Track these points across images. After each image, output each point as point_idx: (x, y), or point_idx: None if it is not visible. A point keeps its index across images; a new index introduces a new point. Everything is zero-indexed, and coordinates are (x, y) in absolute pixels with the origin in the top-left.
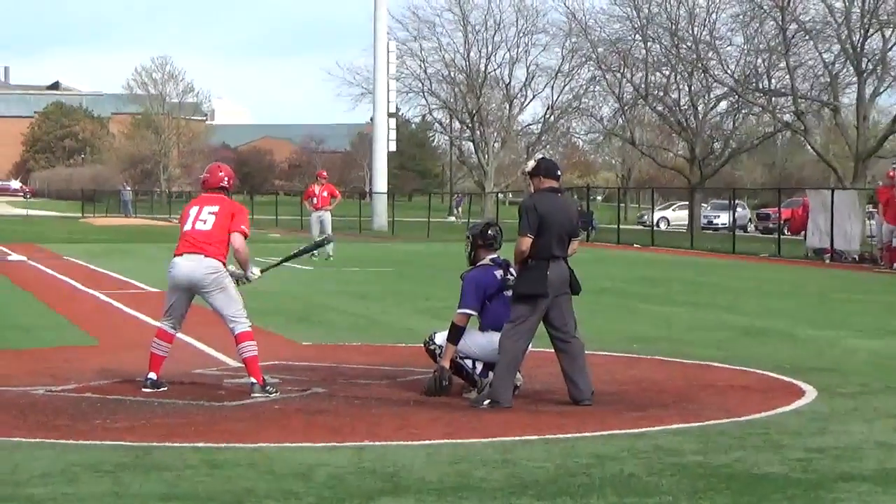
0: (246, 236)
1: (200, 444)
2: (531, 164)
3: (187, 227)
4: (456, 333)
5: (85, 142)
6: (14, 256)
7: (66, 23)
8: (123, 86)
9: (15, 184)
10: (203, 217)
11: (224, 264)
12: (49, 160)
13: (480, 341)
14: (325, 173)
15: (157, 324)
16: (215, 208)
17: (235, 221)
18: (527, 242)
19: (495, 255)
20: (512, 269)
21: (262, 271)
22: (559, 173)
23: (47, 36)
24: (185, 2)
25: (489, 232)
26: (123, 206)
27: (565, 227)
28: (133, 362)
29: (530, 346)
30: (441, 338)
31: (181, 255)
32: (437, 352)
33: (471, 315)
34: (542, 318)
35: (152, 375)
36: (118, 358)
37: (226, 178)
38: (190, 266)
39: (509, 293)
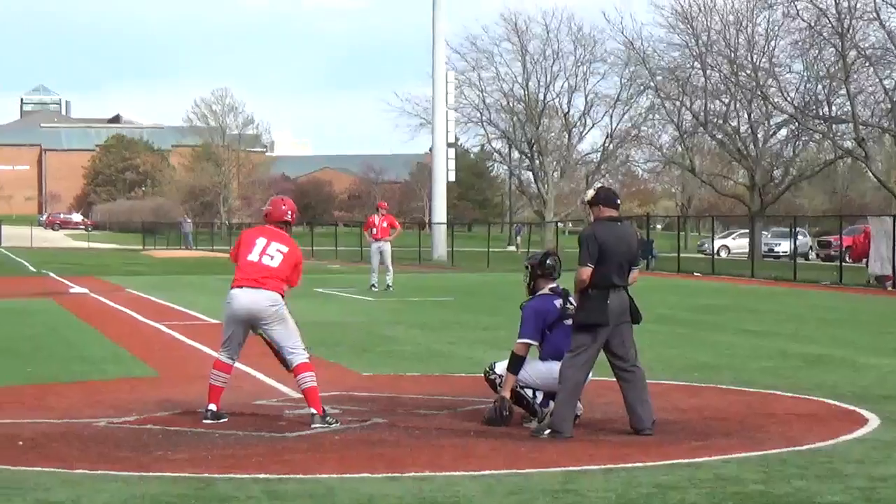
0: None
1: (261, 476)
2: (590, 193)
3: (252, 257)
4: (516, 363)
5: (145, 174)
6: (76, 289)
7: (126, 56)
8: (183, 118)
9: (77, 217)
10: (271, 252)
11: (283, 296)
12: (110, 193)
13: (541, 370)
14: (385, 204)
15: (216, 355)
16: (285, 249)
17: (295, 274)
18: (587, 272)
19: (554, 285)
20: (571, 299)
21: None
22: (618, 202)
23: (108, 70)
24: (243, 35)
25: (548, 262)
26: (184, 238)
27: (625, 256)
28: (194, 394)
29: (591, 375)
30: (501, 367)
31: (241, 287)
32: (497, 381)
33: (530, 345)
34: (603, 347)
35: (212, 407)
36: (179, 389)
37: (289, 213)
38: (251, 298)
39: (569, 322)
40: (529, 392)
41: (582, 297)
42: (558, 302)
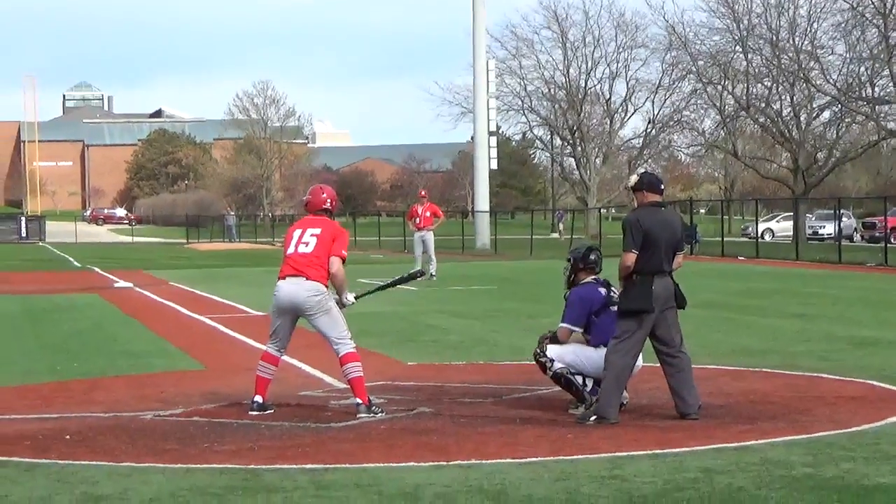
0: (343, 260)
1: (308, 466)
2: (634, 178)
3: (290, 250)
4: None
5: (188, 168)
6: (121, 283)
7: (167, 51)
8: (225, 111)
9: (120, 211)
10: (305, 240)
11: (326, 286)
12: (153, 187)
13: (592, 356)
14: (425, 192)
15: (263, 347)
16: (317, 230)
17: (336, 245)
18: (631, 258)
19: (596, 275)
20: (614, 288)
21: (356, 297)
22: (662, 187)
23: (150, 64)
24: (284, 28)
25: (591, 257)
26: (227, 230)
27: (670, 242)
28: (239, 386)
29: (641, 362)
30: (552, 351)
31: (284, 278)
32: (548, 364)
33: (573, 331)
34: (649, 332)
35: (258, 398)
36: (225, 382)
37: (329, 201)
38: (292, 289)
39: (615, 308)
40: (580, 378)
41: (626, 284)
42: (602, 290)
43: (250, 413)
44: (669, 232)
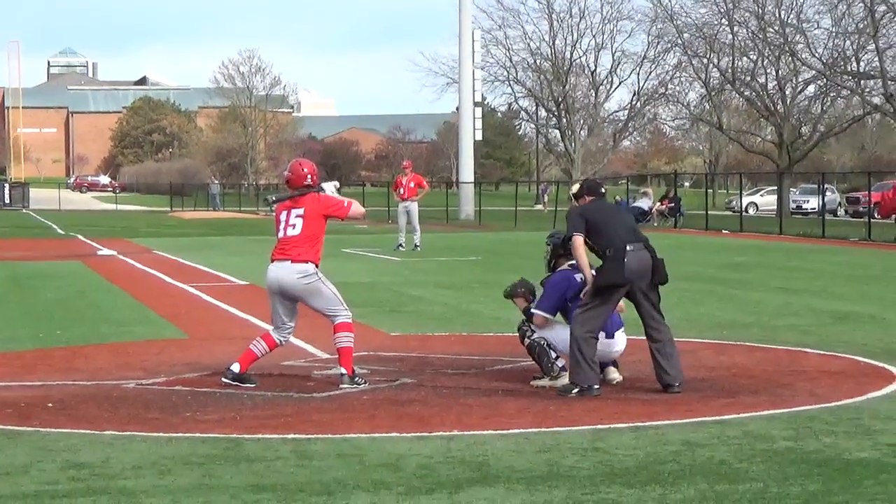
0: (348, 210)
1: (290, 436)
2: (576, 187)
3: (280, 234)
4: (531, 316)
5: (172, 136)
6: (104, 251)
7: (152, 18)
8: (210, 79)
9: (104, 179)
10: (292, 222)
11: (316, 265)
12: (137, 155)
13: (566, 338)
14: (409, 163)
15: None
16: (301, 210)
17: (333, 212)
18: (578, 239)
19: (574, 261)
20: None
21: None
22: (603, 190)
23: (134, 31)
24: None
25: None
26: (211, 199)
27: (621, 219)
28: (222, 355)
29: (625, 339)
30: (540, 332)
31: (272, 261)
32: (528, 333)
33: (547, 318)
34: (635, 306)
35: (235, 367)
36: (207, 351)
37: (309, 176)
38: (279, 273)
39: None
40: (553, 354)
41: (603, 260)
42: (579, 276)
43: (223, 380)
44: (613, 211)
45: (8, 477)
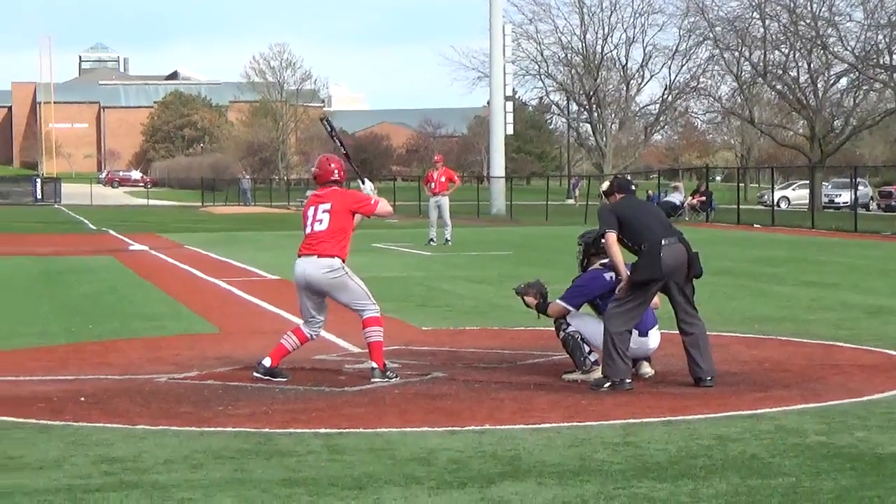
0: (377, 204)
1: (321, 430)
2: (605, 185)
3: (307, 229)
4: (544, 310)
5: (204, 131)
6: (136, 246)
7: (183, 13)
8: (241, 74)
9: (136, 174)
10: (319, 217)
11: (342, 260)
12: (168, 150)
13: (600, 331)
14: (441, 157)
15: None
16: (328, 205)
17: (360, 209)
18: (611, 236)
19: (606, 260)
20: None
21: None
22: (633, 188)
23: (166, 26)
24: None
25: (602, 241)
26: (242, 194)
27: (654, 214)
28: (254, 349)
29: (658, 335)
30: (575, 324)
31: (300, 256)
32: (563, 326)
33: (565, 307)
34: (669, 300)
35: (266, 361)
36: (239, 345)
37: (336, 171)
38: (306, 267)
39: None
40: (587, 348)
41: (639, 256)
42: (609, 275)
43: (254, 374)
44: (647, 207)
45: (41, 471)
